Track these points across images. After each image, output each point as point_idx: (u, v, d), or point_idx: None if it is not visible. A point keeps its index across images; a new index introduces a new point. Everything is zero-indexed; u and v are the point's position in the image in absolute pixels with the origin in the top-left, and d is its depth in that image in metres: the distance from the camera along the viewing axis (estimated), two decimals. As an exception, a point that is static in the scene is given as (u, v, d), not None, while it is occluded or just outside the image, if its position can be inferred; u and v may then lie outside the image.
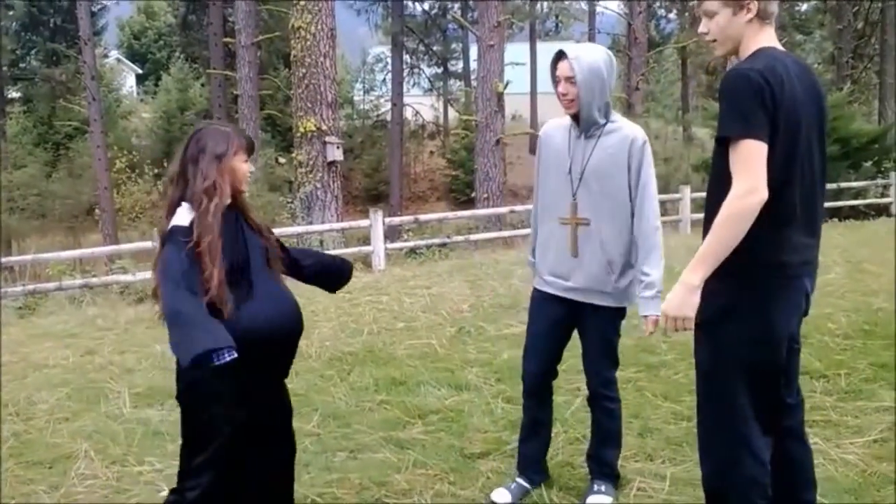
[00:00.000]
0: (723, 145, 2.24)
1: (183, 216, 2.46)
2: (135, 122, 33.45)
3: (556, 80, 2.98)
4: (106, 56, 35.57)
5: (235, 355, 2.27)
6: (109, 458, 3.82)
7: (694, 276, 2.26)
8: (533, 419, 3.30)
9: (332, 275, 2.93)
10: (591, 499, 3.13)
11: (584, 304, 3.06)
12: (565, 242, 3.05)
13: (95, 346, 6.15)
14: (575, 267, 3.04)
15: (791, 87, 2.20)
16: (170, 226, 2.45)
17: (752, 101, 2.14)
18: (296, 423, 4.07)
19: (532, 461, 3.31)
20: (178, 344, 2.29)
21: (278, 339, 2.56)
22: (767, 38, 2.33)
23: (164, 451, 3.87)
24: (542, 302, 3.18)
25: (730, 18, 2.30)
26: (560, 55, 2.96)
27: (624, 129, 2.98)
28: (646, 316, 2.96)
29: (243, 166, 2.57)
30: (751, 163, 2.14)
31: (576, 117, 3.01)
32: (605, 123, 2.99)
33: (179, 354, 2.30)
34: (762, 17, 2.30)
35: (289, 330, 2.59)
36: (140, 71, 44.01)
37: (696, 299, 2.26)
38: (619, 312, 3.10)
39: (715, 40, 2.37)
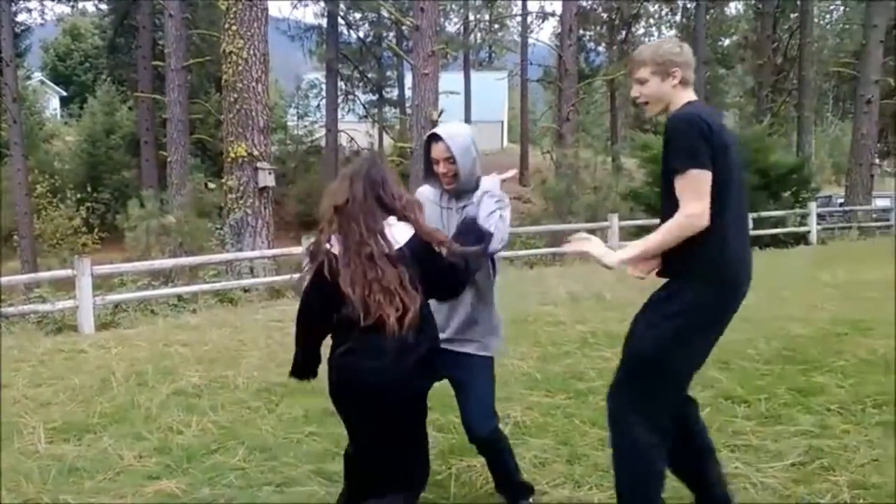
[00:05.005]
0: (670, 178, 2.60)
1: (405, 231, 2.71)
2: (58, 145, 32.45)
3: (435, 162, 3.09)
4: (29, 78, 34.55)
5: None
6: (22, 496, 3.64)
7: (623, 254, 2.69)
8: None
9: None
10: None
11: (455, 353, 3.11)
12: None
13: (9, 379, 5.87)
14: (443, 320, 3.10)
15: (719, 126, 2.62)
16: (408, 239, 2.69)
17: (696, 137, 2.55)
18: (220, 458, 4.01)
19: None
20: None
21: None
22: (691, 95, 2.77)
23: (81, 488, 3.71)
24: None
25: (659, 84, 2.74)
26: (435, 138, 3.07)
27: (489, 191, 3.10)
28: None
29: None
30: (699, 189, 2.54)
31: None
32: (475, 191, 3.12)
33: None
34: (684, 83, 2.75)
35: None
36: (64, 93, 42.83)
37: (612, 261, 2.66)
38: (486, 361, 3.14)
39: (647, 102, 2.80)
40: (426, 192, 3.21)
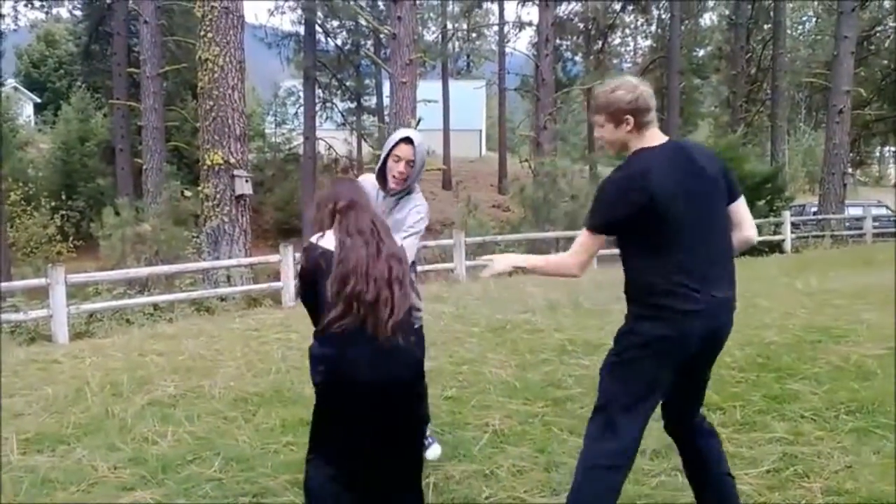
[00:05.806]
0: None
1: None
2: (32, 152, 32.04)
3: (396, 158, 3.47)
4: (2, 84, 34.10)
5: None
6: (-8, 510, 3.59)
7: (523, 261, 2.98)
8: None
9: None
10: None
11: None
12: None
13: (-20, 389, 5.78)
14: None
15: (660, 173, 2.65)
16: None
17: (604, 204, 2.71)
18: (196, 468, 3.97)
19: None
20: None
21: None
22: (648, 138, 2.78)
23: (54, 500, 3.66)
24: None
25: (613, 131, 2.80)
26: (408, 140, 3.46)
27: (415, 199, 3.56)
28: None
29: None
30: (583, 247, 2.77)
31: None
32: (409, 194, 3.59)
33: None
34: (640, 127, 2.76)
35: None
36: (39, 100, 42.34)
37: (502, 266, 2.92)
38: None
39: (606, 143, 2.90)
40: (371, 179, 3.64)
